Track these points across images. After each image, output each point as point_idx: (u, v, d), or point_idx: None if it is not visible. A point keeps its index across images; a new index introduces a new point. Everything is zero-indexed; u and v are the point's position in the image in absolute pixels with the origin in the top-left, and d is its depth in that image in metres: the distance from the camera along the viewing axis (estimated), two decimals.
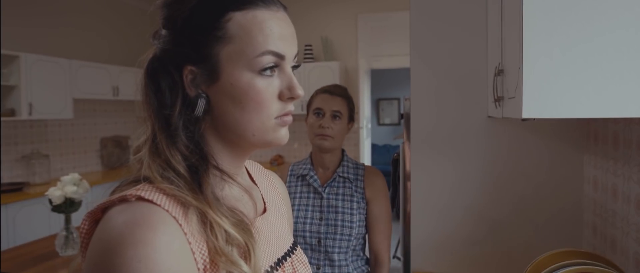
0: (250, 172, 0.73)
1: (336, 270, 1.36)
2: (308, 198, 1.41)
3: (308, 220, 1.37)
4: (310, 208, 1.39)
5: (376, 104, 7.95)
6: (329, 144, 1.39)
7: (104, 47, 4.46)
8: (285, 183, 1.39)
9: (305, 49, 4.60)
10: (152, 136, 0.56)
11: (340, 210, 1.38)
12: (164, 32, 0.57)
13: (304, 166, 1.46)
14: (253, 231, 0.57)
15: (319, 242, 1.35)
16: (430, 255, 1.65)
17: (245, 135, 0.58)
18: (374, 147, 7.10)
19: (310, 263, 1.33)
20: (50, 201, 1.92)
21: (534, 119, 1.48)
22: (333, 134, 1.39)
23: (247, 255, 0.54)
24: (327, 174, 1.46)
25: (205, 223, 0.52)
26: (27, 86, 3.46)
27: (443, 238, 1.62)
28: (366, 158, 4.84)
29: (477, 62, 1.57)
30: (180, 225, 0.49)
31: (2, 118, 3.37)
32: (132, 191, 0.51)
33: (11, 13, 3.59)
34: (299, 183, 1.44)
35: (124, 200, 0.50)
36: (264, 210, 0.68)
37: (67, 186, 1.91)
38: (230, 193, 0.60)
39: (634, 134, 1.10)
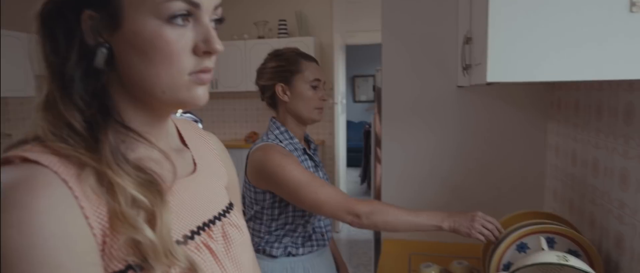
0: (182, 133, 0.68)
1: (330, 232, 1.41)
2: (315, 171, 1.36)
3: None
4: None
5: (352, 81, 7.96)
6: (322, 117, 1.38)
7: None
8: (293, 158, 1.26)
9: (280, 24, 4.53)
10: (46, 90, 0.51)
11: (325, 176, 1.43)
12: None
13: (292, 141, 1.33)
14: (167, 194, 0.53)
15: None
16: None
17: (153, 92, 0.52)
18: (349, 124, 7.14)
19: (315, 232, 1.34)
20: None
21: (501, 85, 1.52)
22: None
23: (153, 219, 0.49)
24: (304, 144, 1.43)
25: (105, 184, 0.48)
26: None
27: (412, 206, 1.66)
28: (340, 134, 4.87)
29: (448, 33, 1.58)
30: (71, 187, 0.45)
31: None
32: (17, 152, 0.46)
33: None
34: (302, 158, 1.33)
35: (8, 162, 0.46)
36: (193, 172, 0.64)
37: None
38: (147, 154, 0.55)
39: (593, 100, 1.14)
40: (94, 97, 0.51)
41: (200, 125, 2.30)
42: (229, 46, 4.55)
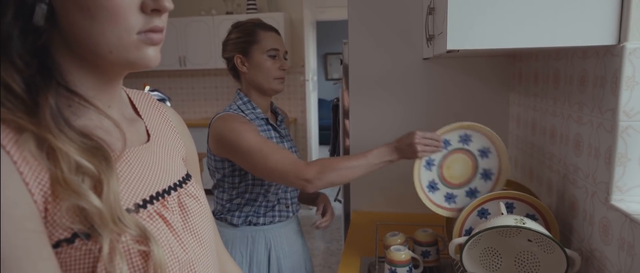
0: (135, 103, 0.66)
1: (296, 204, 1.43)
2: (278, 142, 1.34)
3: None
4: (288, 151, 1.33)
5: (324, 58, 7.91)
6: (283, 87, 1.35)
7: None
8: (251, 125, 1.25)
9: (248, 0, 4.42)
10: None
11: (294, 147, 1.42)
12: None
13: (255, 111, 1.32)
14: (116, 162, 0.51)
15: None
16: (368, 195, 1.71)
17: (99, 51, 0.50)
18: (321, 102, 7.12)
19: (280, 203, 1.34)
20: None
21: (464, 56, 1.54)
22: (285, 75, 1.36)
23: (99, 186, 0.48)
24: (270, 116, 1.41)
25: (45, 149, 0.46)
26: None
27: (380, 179, 1.68)
28: (312, 111, 4.86)
29: (414, 6, 1.58)
30: (9, 152, 0.44)
31: None
32: None
33: None
34: (265, 128, 1.32)
35: None
36: (147, 142, 0.62)
37: None
38: (97, 122, 0.53)
39: (551, 70, 1.17)
40: (34, 57, 0.48)
41: (168, 103, 2.25)
42: (196, 22, 4.43)
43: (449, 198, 1.17)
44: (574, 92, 1.02)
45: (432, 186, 1.17)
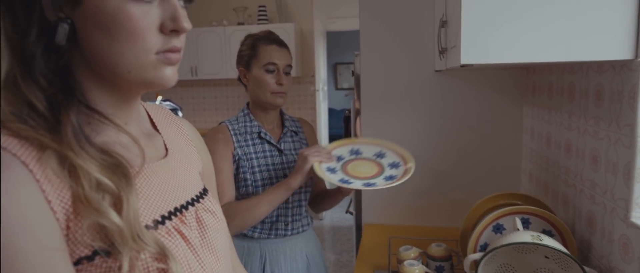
0: (153, 117, 0.67)
1: (300, 223, 1.37)
2: (265, 157, 1.32)
3: (274, 180, 1.30)
4: (272, 167, 1.32)
5: (334, 68, 7.94)
6: (283, 102, 1.33)
7: None
8: (231, 143, 1.29)
9: (259, 10, 4.46)
10: (7, 67, 0.49)
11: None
12: None
13: (250, 123, 1.33)
14: (135, 178, 0.52)
15: (287, 199, 1.31)
16: (380, 208, 1.70)
17: (118, 71, 0.50)
18: (331, 111, 7.13)
19: (278, 221, 1.32)
20: None
21: (478, 69, 1.53)
22: (286, 90, 1.32)
23: (119, 203, 0.48)
24: (274, 130, 1.39)
25: (66, 167, 0.46)
26: None
27: (392, 191, 1.66)
28: (322, 121, 4.86)
29: (425, 18, 1.58)
30: (32, 170, 0.44)
31: None
32: None
33: None
34: (251, 142, 1.33)
35: None
36: (165, 157, 0.62)
37: None
38: (116, 138, 0.54)
39: (566, 83, 1.15)
40: (56, 76, 0.49)
41: (180, 113, 2.26)
42: (208, 33, 4.47)
43: (367, 185, 1.20)
44: (590, 106, 1.01)
45: (344, 181, 1.20)
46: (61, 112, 0.48)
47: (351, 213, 2.12)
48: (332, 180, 1.17)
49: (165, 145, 0.65)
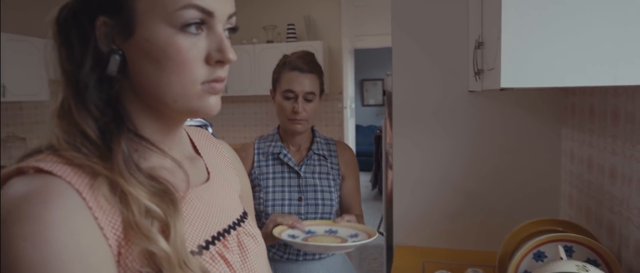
0: (194, 141, 0.68)
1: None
2: (283, 178, 1.32)
3: (286, 202, 1.30)
4: (287, 189, 1.31)
5: (360, 85, 7.95)
6: (303, 128, 1.31)
7: None
8: (252, 162, 1.33)
9: (288, 29, 4.54)
10: (61, 97, 0.51)
11: (319, 188, 1.33)
12: None
13: (274, 144, 1.34)
14: (181, 203, 0.52)
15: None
16: (412, 229, 1.67)
17: (165, 100, 0.52)
18: (358, 128, 7.12)
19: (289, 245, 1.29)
20: None
21: (514, 90, 1.50)
22: (307, 117, 1.30)
23: (167, 229, 0.49)
24: (300, 152, 1.37)
25: (118, 194, 0.47)
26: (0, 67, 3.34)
27: (424, 212, 1.64)
28: (350, 138, 4.86)
29: (459, 37, 1.57)
30: (85, 197, 0.45)
31: None
32: (31, 162, 0.46)
33: None
34: (271, 162, 1.34)
35: (21, 173, 0.46)
36: (207, 180, 0.63)
37: None
38: (160, 163, 0.55)
39: (609, 106, 1.12)
40: (107, 105, 0.51)
41: (209, 129, 2.31)
42: (238, 50, 4.57)
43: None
44: (637, 131, 0.97)
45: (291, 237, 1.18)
46: (112, 140, 0.50)
47: (382, 234, 2.09)
48: (284, 239, 1.14)
49: (206, 168, 0.66)
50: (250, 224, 0.68)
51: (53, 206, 0.42)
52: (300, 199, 1.30)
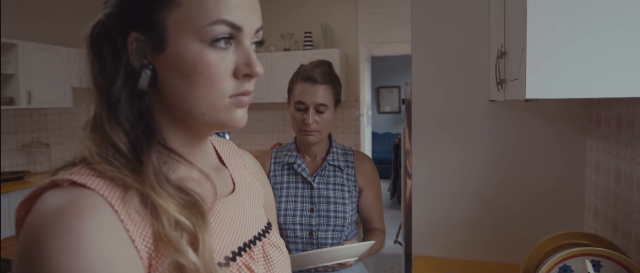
0: (219, 151, 0.69)
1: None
2: (296, 188, 1.31)
3: (298, 212, 1.28)
4: (299, 199, 1.30)
5: (376, 92, 7.94)
6: (315, 139, 1.30)
7: None
8: (268, 171, 1.34)
9: (305, 37, 4.57)
10: (94, 110, 0.52)
11: (332, 200, 1.30)
12: None
13: (289, 153, 1.34)
14: (208, 215, 0.52)
15: (311, 234, 1.28)
16: (431, 239, 1.66)
17: (194, 114, 0.52)
18: (374, 135, 7.10)
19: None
20: None
21: (537, 100, 1.48)
22: (319, 128, 1.28)
23: (195, 241, 0.49)
24: (315, 162, 1.36)
25: (148, 206, 0.48)
26: (26, 75, 3.44)
27: (444, 223, 1.62)
28: (366, 146, 4.84)
29: (479, 46, 1.55)
30: (117, 210, 0.46)
31: (2, 107, 3.36)
32: (65, 175, 0.47)
33: (9, 1, 3.56)
34: (285, 172, 1.33)
35: (56, 185, 0.46)
36: (232, 191, 0.63)
37: None
38: (188, 174, 0.55)
39: (637, 116, 1.09)
40: (138, 119, 0.52)
41: (227, 136, 2.33)
42: None
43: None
44: None
45: None
46: (143, 153, 0.51)
47: (400, 244, 2.07)
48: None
49: (232, 179, 0.66)
50: (275, 235, 0.68)
51: (87, 219, 0.43)
52: (312, 210, 1.29)
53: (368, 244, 1.18)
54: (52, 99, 3.71)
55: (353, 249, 1.16)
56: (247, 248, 0.59)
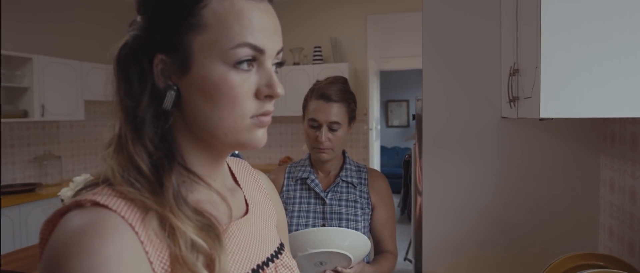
0: (234, 171, 0.69)
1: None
2: (309, 203, 1.31)
3: (310, 227, 1.27)
4: (311, 214, 1.29)
5: (385, 106, 7.94)
6: (328, 156, 1.30)
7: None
8: (282, 185, 1.34)
9: (315, 51, 4.60)
10: (118, 130, 0.53)
11: (344, 216, 1.30)
12: (138, 18, 0.54)
13: (303, 169, 1.34)
14: (224, 237, 0.53)
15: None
16: (442, 257, 1.63)
17: (216, 134, 0.53)
18: (382, 149, 7.08)
19: None
20: (63, 202, 1.93)
21: (552, 119, 1.47)
22: (332, 146, 1.28)
23: (211, 263, 0.49)
24: (328, 178, 1.36)
25: (167, 228, 0.48)
26: (40, 88, 3.49)
27: (455, 241, 1.60)
28: (375, 160, 4.83)
29: (490, 63, 1.55)
30: (137, 232, 0.46)
31: (16, 120, 3.40)
32: (88, 196, 0.48)
33: (23, 15, 3.64)
34: (299, 187, 1.33)
35: (79, 206, 0.47)
36: (246, 212, 0.64)
37: (79, 186, 1.92)
38: (205, 196, 0.56)
39: None
40: (162, 140, 0.53)
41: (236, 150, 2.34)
42: None
43: None
44: None
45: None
46: (164, 175, 0.51)
47: (410, 261, 2.04)
48: None
49: (245, 200, 0.66)
50: (287, 256, 0.68)
51: (109, 241, 0.44)
52: (323, 226, 1.28)
53: (365, 241, 1.15)
54: (65, 112, 3.75)
55: (345, 234, 1.14)
56: (260, 270, 0.59)
